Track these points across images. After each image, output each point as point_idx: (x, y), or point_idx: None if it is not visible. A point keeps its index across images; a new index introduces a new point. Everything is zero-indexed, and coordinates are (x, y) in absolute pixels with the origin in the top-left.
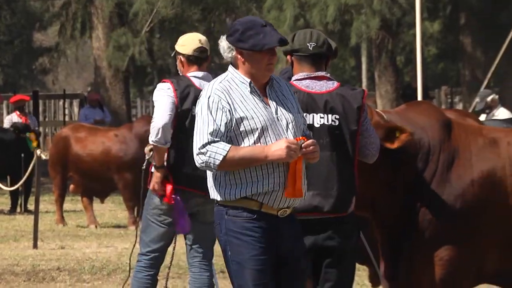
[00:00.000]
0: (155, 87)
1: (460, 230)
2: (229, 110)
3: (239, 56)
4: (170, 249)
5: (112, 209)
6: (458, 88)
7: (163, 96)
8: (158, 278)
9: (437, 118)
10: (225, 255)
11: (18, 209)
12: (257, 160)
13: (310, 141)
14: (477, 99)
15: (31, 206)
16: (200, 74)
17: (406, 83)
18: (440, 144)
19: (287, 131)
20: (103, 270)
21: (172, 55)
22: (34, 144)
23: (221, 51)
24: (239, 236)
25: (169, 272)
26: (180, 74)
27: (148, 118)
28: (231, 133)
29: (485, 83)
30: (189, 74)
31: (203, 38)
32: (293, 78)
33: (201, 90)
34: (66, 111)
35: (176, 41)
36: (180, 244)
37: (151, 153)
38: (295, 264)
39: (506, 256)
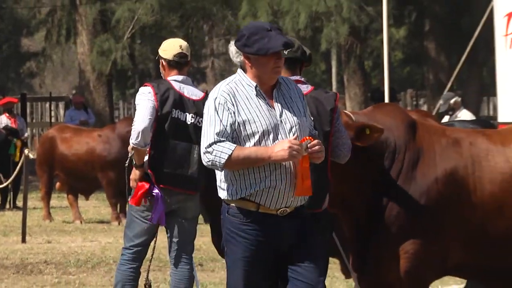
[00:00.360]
0: (136, 90)
1: (425, 225)
2: (234, 112)
3: (246, 61)
4: (151, 243)
5: (96, 205)
6: (423, 91)
7: (144, 100)
8: (140, 270)
9: (403, 119)
10: (224, 251)
11: (8, 206)
12: (261, 160)
13: (315, 141)
14: (440, 101)
15: (19, 203)
16: (180, 78)
17: (374, 86)
18: (405, 143)
19: (289, 135)
20: (88, 263)
21: (156, 58)
22: (17, 151)
23: (230, 56)
24: (235, 236)
25: (150, 265)
26: (163, 77)
27: (130, 119)
28: (234, 134)
29: (448, 86)
30: (169, 78)
31: (184, 44)
32: None
33: (180, 94)
34: (52, 113)
35: (156, 46)
36: (161, 238)
37: (133, 151)
38: (307, 253)
39: (468, 250)
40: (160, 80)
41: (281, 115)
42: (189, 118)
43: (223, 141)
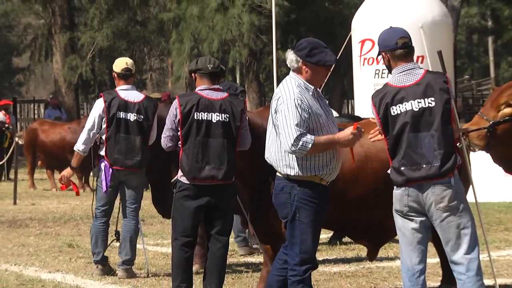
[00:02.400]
0: (96, 95)
1: None
2: (307, 109)
3: (303, 67)
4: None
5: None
6: None
7: (94, 113)
8: (110, 223)
9: None
10: (293, 217)
11: (3, 178)
12: (332, 145)
13: (359, 127)
14: None
15: (12, 176)
16: (126, 87)
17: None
18: None
19: (334, 126)
20: (61, 219)
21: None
22: (6, 142)
23: (288, 61)
24: (307, 203)
25: (118, 219)
26: (116, 86)
27: None
28: (310, 126)
29: (320, 89)
30: (117, 88)
31: (129, 61)
32: (197, 89)
33: (124, 100)
34: (35, 112)
35: (110, 64)
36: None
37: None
38: None
39: (335, 210)
40: (110, 91)
41: (327, 111)
42: (132, 117)
43: (305, 133)
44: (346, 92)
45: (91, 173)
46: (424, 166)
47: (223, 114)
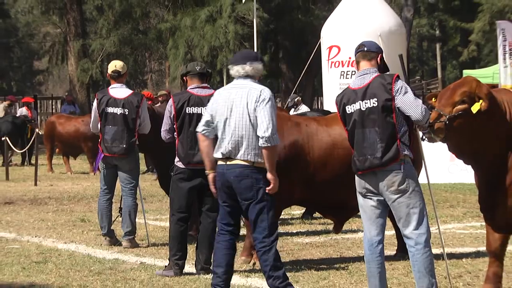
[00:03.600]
0: None
1: (278, 173)
2: None
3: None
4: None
5: (80, 163)
6: (279, 93)
7: (93, 108)
8: (114, 201)
9: None
10: (260, 198)
11: (25, 163)
12: None
13: None
14: (289, 100)
15: (33, 161)
16: (116, 85)
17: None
18: None
19: None
20: (75, 198)
21: None
22: (29, 131)
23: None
24: (267, 185)
25: (122, 197)
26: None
27: None
28: None
29: (293, 90)
30: (110, 87)
31: (118, 64)
32: (188, 88)
33: (113, 96)
34: (53, 107)
35: None
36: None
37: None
38: None
39: (306, 190)
40: (103, 90)
41: None
42: (118, 111)
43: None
44: (317, 90)
45: None
46: (369, 157)
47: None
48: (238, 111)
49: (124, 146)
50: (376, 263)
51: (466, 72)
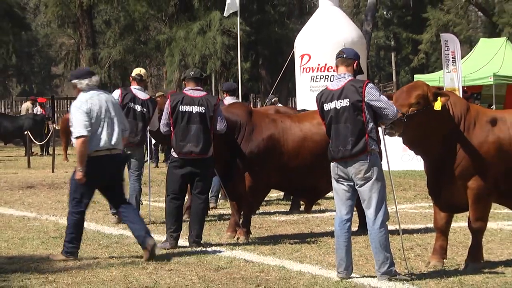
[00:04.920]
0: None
1: (257, 162)
2: None
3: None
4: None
5: None
6: (259, 94)
7: (114, 95)
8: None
9: (244, 109)
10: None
11: (44, 153)
12: None
13: None
14: (267, 100)
15: (50, 152)
16: (137, 87)
17: (245, 90)
18: (246, 121)
19: None
20: None
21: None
22: (45, 129)
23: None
24: None
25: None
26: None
27: None
28: None
29: (271, 91)
30: (132, 87)
31: (143, 70)
32: (184, 90)
33: (135, 95)
34: (68, 106)
35: (121, 72)
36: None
37: None
38: None
39: (280, 176)
40: (126, 88)
41: None
42: (138, 108)
43: None
44: (291, 92)
45: None
46: (341, 149)
47: (200, 107)
48: None
49: (139, 138)
50: (344, 237)
51: (417, 77)
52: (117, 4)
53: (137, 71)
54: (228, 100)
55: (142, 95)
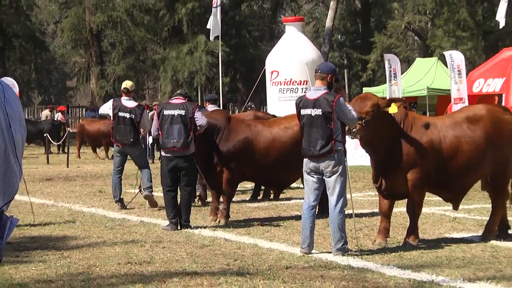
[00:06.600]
0: None
1: (234, 159)
2: None
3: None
4: (134, 167)
5: (98, 152)
6: (237, 103)
7: (106, 104)
8: (122, 178)
9: (223, 115)
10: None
11: (60, 152)
12: None
13: None
14: (245, 106)
15: (66, 150)
16: (126, 98)
17: (225, 100)
18: (224, 125)
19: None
20: (95, 176)
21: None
22: (62, 132)
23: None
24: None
25: (137, 176)
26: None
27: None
28: None
29: (247, 100)
30: (122, 98)
31: (129, 83)
32: (169, 99)
33: (123, 105)
34: (80, 113)
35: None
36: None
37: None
38: None
39: (254, 171)
40: (117, 99)
41: None
42: (127, 115)
43: None
44: (263, 101)
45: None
46: (311, 149)
47: (181, 110)
48: None
49: (131, 139)
50: (309, 220)
51: (365, 89)
52: (121, 29)
53: (124, 84)
54: (210, 108)
55: (129, 103)
